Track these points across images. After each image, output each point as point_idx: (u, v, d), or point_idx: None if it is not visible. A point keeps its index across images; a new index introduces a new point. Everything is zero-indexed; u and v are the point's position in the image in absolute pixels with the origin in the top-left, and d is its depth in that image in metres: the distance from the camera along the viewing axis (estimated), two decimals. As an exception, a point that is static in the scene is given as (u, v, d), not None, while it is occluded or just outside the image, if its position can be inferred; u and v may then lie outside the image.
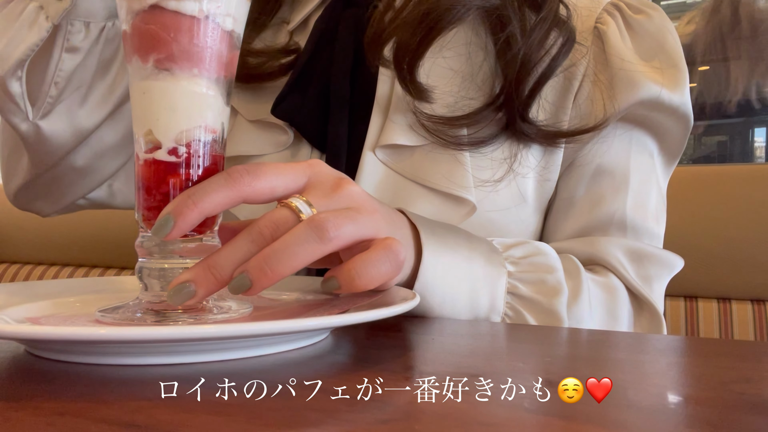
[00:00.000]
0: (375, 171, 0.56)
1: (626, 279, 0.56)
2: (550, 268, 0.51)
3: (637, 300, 0.56)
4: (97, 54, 0.55)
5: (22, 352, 0.34)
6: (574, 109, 0.58)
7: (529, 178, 0.58)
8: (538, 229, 0.61)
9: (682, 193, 0.87)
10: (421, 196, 0.55)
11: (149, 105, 0.36)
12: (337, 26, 0.60)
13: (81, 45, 0.53)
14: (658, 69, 0.57)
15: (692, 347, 0.40)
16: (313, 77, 0.59)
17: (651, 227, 0.59)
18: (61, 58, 0.53)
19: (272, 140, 0.60)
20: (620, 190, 0.58)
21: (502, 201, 0.57)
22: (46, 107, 0.56)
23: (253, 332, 0.29)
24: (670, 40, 0.59)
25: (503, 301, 0.49)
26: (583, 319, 0.51)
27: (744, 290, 0.83)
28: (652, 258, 0.57)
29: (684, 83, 0.58)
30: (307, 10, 0.64)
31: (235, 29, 0.37)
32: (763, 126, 1.73)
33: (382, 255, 0.36)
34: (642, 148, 0.60)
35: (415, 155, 0.56)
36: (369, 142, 0.57)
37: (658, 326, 0.56)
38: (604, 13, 0.60)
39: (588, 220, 0.59)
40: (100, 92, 0.58)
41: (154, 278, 0.36)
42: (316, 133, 0.59)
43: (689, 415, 0.25)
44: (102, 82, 0.57)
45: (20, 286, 0.45)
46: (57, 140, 0.58)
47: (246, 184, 0.36)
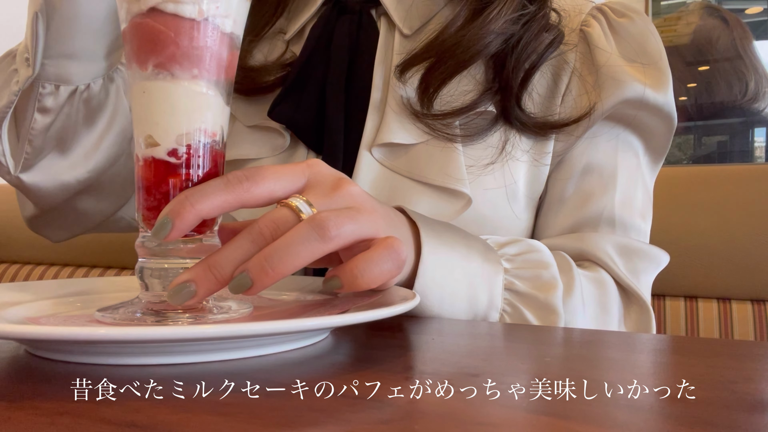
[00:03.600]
0: (371, 170, 0.57)
1: (615, 273, 0.57)
2: (544, 264, 0.52)
3: (626, 293, 0.58)
4: (72, 114, 0.58)
5: (22, 352, 0.34)
6: (562, 106, 0.60)
7: (522, 162, 0.59)
8: (529, 227, 0.62)
9: (682, 193, 0.87)
10: (417, 192, 0.56)
11: (149, 106, 0.36)
12: (332, 32, 0.61)
13: (51, 106, 0.56)
14: (641, 70, 0.60)
15: (692, 347, 0.40)
16: (309, 81, 0.60)
17: (638, 224, 0.61)
18: (34, 118, 0.56)
19: (269, 144, 0.61)
20: (608, 188, 0.60)
21: (495, 194, 0.58)
22: (26, 163, 0.59)
23: (253, 332, 0.29)
24: (652, 42, 0.61)
25: (501, 298, 0.50)
26: (576, 313, 0.52)
27: (744, 290, 0.83)
28: (640, 253, 0.59)
29: (667, 84, 0.60)
30: (304, 20, 0.65)
31: (235, 31, 0.37)
32: (763, 126, 1.73)
33: (384, 254, 0.36)
34: (627, 147, 0.62)
35: (411, 152, 0.58)
36: (365, 141, 0.58)
37: (647, 318, 0.57)
38: (589, 16, 0.62)
39: (578, 216, 0.60)
40: (83, 148, 0.60)
41: (155, 278, 0.36)
42: (312, 136, 0.60)
43: (689, 414, 0.25)
44: (85, 139, 0.60)
45: (20, 286, 0.45)
46: (42, 192, 0.61)
47: (245, 189, 0.36)
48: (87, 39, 0.53)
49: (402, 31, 0.61)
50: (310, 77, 0.61)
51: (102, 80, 0.57)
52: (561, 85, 0.60)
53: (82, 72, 0.55)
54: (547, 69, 0.60)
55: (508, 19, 0.57)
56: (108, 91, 0.58)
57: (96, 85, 0.57)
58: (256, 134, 0.62)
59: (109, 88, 0.58)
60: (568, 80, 0.60)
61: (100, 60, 0.56)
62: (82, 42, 0.53)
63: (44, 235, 0.71)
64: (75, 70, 0.55)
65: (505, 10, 0.57)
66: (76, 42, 0.53)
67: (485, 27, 0.56)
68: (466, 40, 0.56)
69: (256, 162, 0.61)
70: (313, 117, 0.59)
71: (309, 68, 0.61)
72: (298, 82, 0.60)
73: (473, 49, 0.56)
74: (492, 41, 0.57)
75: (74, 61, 0.54)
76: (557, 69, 0.61)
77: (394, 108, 0.58)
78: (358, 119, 0.59)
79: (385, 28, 0.62)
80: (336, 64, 0.60)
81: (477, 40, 0.56)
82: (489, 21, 0.56)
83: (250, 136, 0.62)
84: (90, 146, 0.60)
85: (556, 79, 0.60)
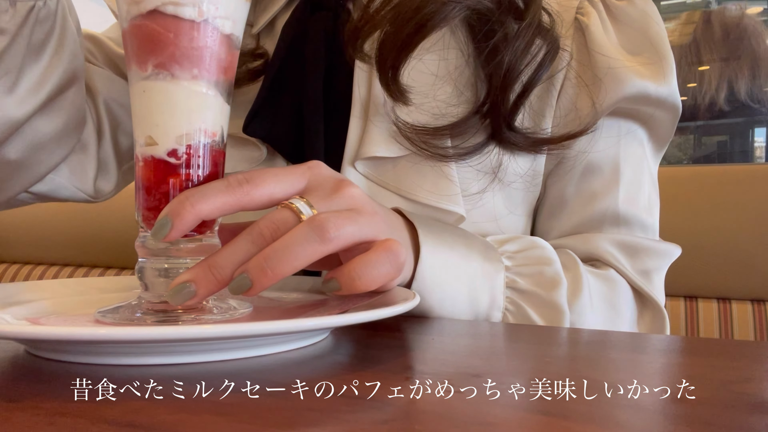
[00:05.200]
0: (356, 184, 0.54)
1: (625, 274, 0.55)
2: (547, 260, 0.51)
3: (639, 297, 0.56)
4: (27, 36, 0.50)
5: (22, 352, 0.34)
6: (557, 112, 0.57)
7: (516, 188, 0.57)
8: (526, 231, 0.60)
9: (682, 193, 0.87)
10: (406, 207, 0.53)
11: (149, 106, 0.36)
12: (306, 31, 0.57)
13: (7, 26, 0.48)
14: (643, 62, 0.56)
15: (692, 347, 0.40)
16: (285, 88, 0.57)
17: (644, 219, 0.59)
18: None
19: (245, 156, 0.58)
20: (611, 185, 0.58)
21: (489, 211, 0.56)
22: None
23: (253, 332, 0.29)
24: (654, 28, 0.57)
25: (503, 296, 0.49)
26: (584, 313, 0.51)
27: (744, 290, 0.83)
28: (648, 251, 0.57)
29: (671, 73, 0.57)
30: (272, 12, 0.61)
31: (234, 32, 0.37)
32: (763, 126, 1.73)
33: (383, 256, 0.36)
34: (631, 137, 0.59)
35: (398, 167, 0.54)
36: (348, 155, 0.55)
37: (662, 322, 0.55)
38: (585, 2, 0.58)
39: (581, 217, 0.58)
40: (31, 79, 0.52)
41: (155, 278, 0.36)
42: (291, 147, 0.57)
43: (689, 414, 0.25)
44: (34, 68, 0.52)
45: (20, 286, 0.45)
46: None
47: (244, 193, 0.36)
48: None
49: None
50: (286, 83, 0.57)
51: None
52: (556, 84, 0.56)
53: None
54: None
55: None
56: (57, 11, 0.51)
57: (52, 2, 0.50)
58: (231, 146, 0.57)
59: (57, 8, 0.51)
60: (561, 84, 0.56)
61: None
62: None
63: None
64: None
65: None
66: None
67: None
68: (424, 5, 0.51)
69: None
70: (290, 128, 0.56)
71: (284, 73, 0.57)
72: (273, 91, 0.57)
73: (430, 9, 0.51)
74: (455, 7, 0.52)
75: None
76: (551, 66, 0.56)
77: (378, 117, 0.54)
78: (339, 127, 0.55)
79: None
80: (312, 67, 0.56)
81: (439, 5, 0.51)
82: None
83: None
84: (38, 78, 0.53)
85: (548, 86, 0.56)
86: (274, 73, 0.57)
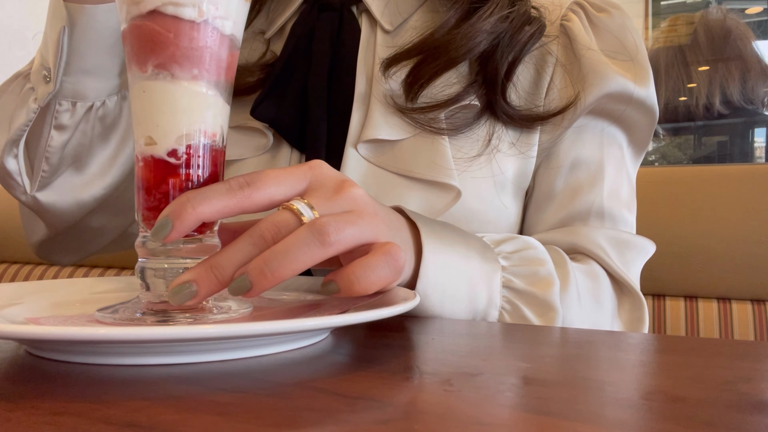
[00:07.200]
0: (358, 167, 0.57)
1: (609, 266, 0.58)
2: (540, 261, 0.53)
3: (618, 285, 0.59)
4: (87, 131, 0.58)
5: (22, 352, 0.34)
6: (547, 98, 0.61)
7: (508, 155, 0.60)
8: (517, 221, 0.62)
9: (682, 193, 0.87)
10: (405, 187, 0.56)
11: (149, 106, 0.36)
12: (313, 29, 0.61)
13: (68, 123, 0.57)
14: (622, 65, 0.61)
15: (692, 347, 0.40)
16: (291, 78, 0.60)
17: (625, 215, 0.62)
18: (50, 136, 0.57)
19: (252, 144, 0.61)
20: (597, 181, 0.61)
21: (483, 186, 0.58)
22: (42, 181, 0.60)
23: (253, 332, 0.29)
24: (630, 38, 0.62)
25: (500, 296, 0.50)
26: (572, 307, 0.53)
27: (744, 290, 0.83)
28: (629, 244, 0.60)
29: (648, 78, 0.61)
30: (284, 18, 0.65)
31: (234, 32, 0.37)
32: (763, 126, 1.73)
33: (382, 260, 0.36)
34: (612, 140, 0.63)
35: (397, 147, 0.58)
36: (351, 138, 0.58)
37: (640, 309, 0.58)
38: (568, 11, 0.63)
39: (568, 210, 0.61)
40: (98, 165, 0.61)
41: (155, 278, 0.36)
42: (295, 134, 0.60)
43: (689, 414, 0.25)
44: (100, 156, 0.60)
45: (20, 286, 0.45)
46: (58, 210, 0.61)
47: (245, 196, 0.36)
48: (102, 55, 0.55)
49: (384, 27, 0.61)
50: (292, 75, 0.60)
51: (116, 97, 0.58)
52: (545, 77, 0.61)
53: (98, 88, 0.57)
54: (530, 62, 0.61)
55: (498, 17, 0.57)
56: (122, 108, 0.59)
57: (111, 102, 0.58)
58: (239, 134, 0.61)
59: (122, 105, 0.59)
60: (551, 72, 0.61)
61: (114, 77, 0.57)
62: (98, 58, 0.55)
63: (54, 261, 0.72)
64: (91, 86, 0.56)
65: (497, 11, 0.57)
66: (93, 58, 0.55)
67: (477, 26, 0.57)
68: (459, 38, 0.57)
69: (239, 163, 0.60)
70: (295, 115, 0.59)
71: (291, 66, 0.61)
72: (280, 80, 0.60)
73: (464, 47, 0.57)
74: (482, 40, 0.57)
75: (91, 77, 0.56)
76: (540, 62, 0.61)
77: (379, 103, 0.58)
78: (342, 116, 0.59)
79: (366, 24, 0.62)
80: (318, 60, 0.60)
81: (468, 39, 0.57)
82: (481, 20, 0.57)
83: (233, 137, 0.62)
84: (105, 163, 0.61)
85: (540, 71, 0.61)
86: (282, 65, 0.60)
